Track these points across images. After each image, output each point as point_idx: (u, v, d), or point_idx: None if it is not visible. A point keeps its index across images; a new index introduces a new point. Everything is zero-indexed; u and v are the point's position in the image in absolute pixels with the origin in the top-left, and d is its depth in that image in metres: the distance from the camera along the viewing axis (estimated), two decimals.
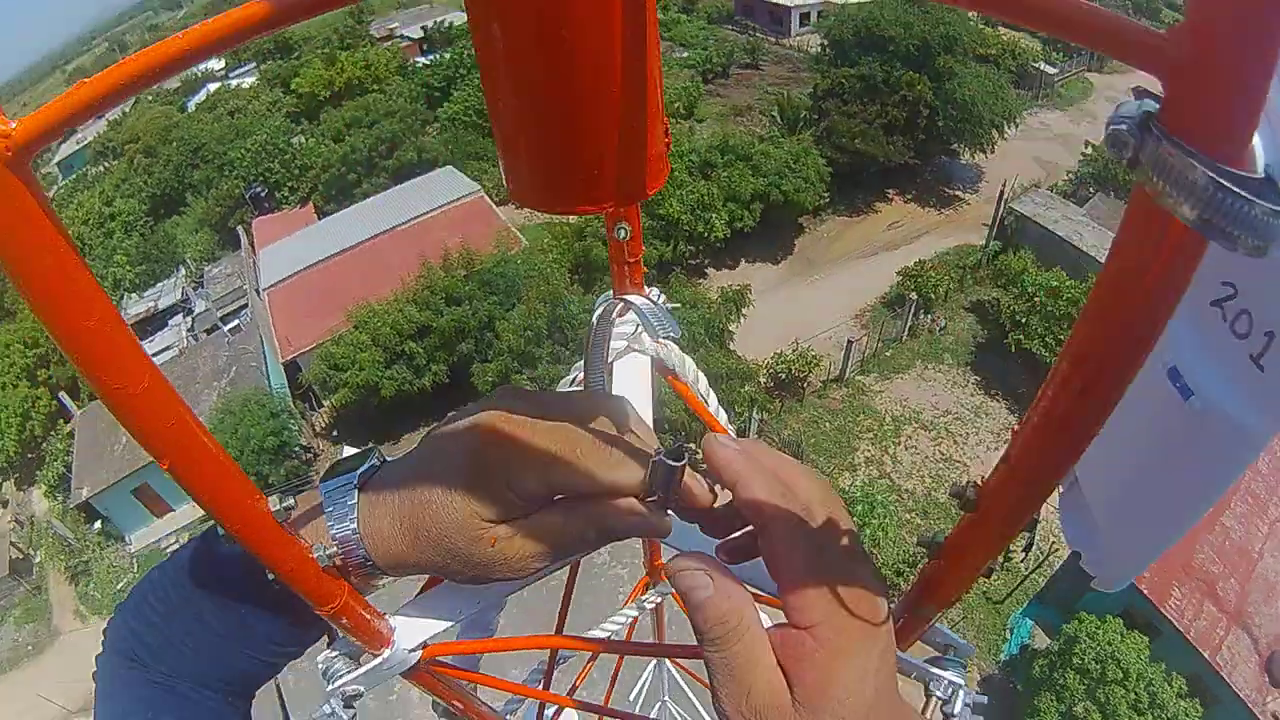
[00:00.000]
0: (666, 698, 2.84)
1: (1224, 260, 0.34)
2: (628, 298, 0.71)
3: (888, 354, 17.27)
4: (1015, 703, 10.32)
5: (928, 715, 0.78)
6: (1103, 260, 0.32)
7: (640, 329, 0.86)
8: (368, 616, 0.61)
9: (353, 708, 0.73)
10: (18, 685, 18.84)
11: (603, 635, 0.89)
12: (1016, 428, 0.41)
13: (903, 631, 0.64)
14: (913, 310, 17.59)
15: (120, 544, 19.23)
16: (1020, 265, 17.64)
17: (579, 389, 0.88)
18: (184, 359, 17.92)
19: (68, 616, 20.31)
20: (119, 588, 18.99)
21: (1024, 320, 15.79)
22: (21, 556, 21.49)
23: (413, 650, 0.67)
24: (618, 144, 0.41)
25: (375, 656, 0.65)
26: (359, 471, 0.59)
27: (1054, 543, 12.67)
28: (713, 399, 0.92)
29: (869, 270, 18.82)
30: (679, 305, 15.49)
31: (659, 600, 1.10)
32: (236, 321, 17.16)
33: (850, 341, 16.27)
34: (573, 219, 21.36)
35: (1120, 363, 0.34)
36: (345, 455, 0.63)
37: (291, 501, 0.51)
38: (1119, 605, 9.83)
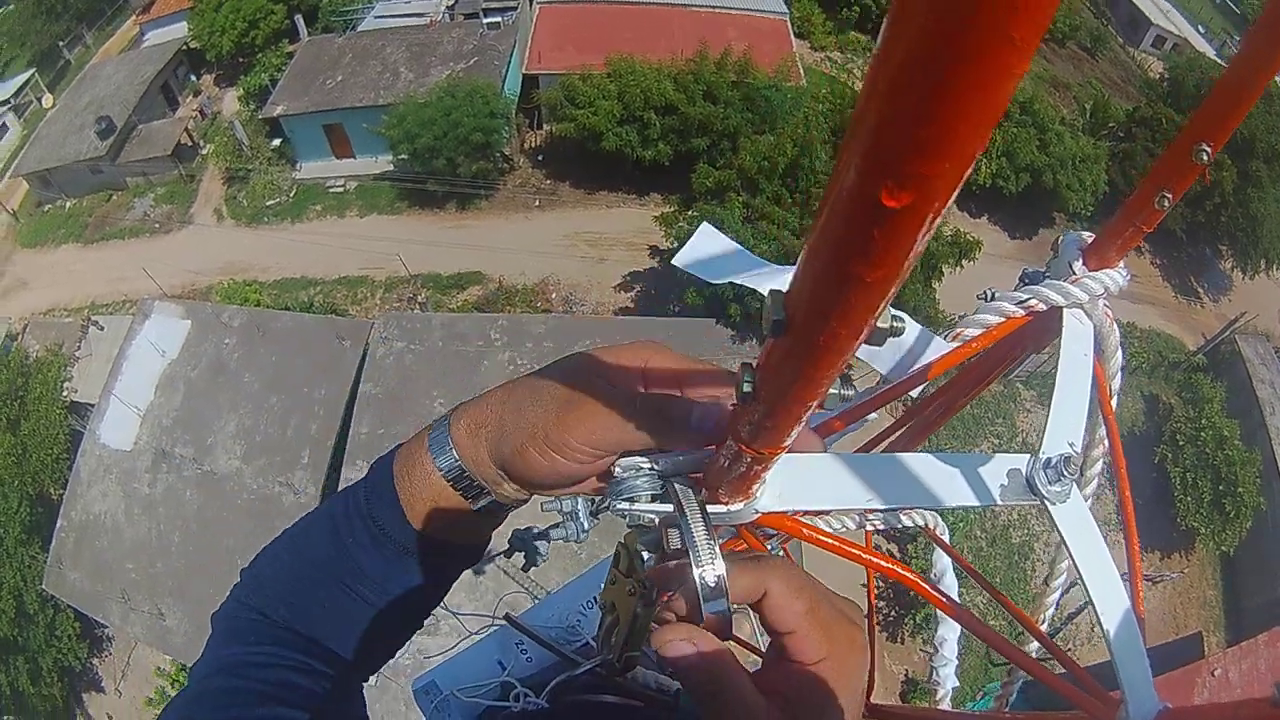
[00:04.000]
0: None
1: None
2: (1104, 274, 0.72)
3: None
4: None
5: None
6: None
7: (1103, 294, 0.74)
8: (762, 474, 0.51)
9: (597, 520, 0.68)
10: (128, 254, 20.04)
11: None
12: None
13: None
14: None
15: (289, 166, 20.03)
16: (1210, 395, 16.56)
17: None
18: (430, 31, 18.13)
19: (206, 212, 21.37)
20: (268, 204, 19.88)
21: (1181, 444, 15.16)
22: (190, 144, 22.57)
23: (758, 513, 0.55)
24: None
25: (722, 505, 0.54)
26: None
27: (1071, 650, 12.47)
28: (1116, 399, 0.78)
29: None
30: None
31: None
32: (499, 19, 17.19)
33: (1031, 355, 15.63)
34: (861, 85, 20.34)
35: None
36: None
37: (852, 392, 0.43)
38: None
